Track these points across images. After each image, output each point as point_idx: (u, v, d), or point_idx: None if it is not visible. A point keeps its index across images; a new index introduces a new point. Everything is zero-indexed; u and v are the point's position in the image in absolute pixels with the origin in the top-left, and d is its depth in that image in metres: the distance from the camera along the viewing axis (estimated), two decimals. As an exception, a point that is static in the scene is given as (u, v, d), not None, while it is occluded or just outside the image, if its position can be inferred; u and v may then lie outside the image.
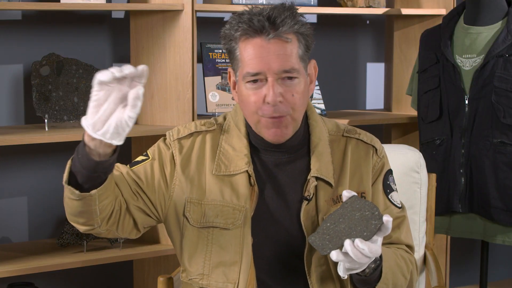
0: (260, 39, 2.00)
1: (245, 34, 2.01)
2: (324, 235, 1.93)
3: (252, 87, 2.02)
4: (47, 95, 3.12)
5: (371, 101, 4.12)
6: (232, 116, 2.17)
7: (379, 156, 2.18)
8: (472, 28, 3.28)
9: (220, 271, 2.08)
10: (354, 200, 1.94)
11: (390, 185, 2.18)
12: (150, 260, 3.36)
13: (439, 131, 3.30)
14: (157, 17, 3.22)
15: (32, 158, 3.29)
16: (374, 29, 4.08)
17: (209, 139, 2.14)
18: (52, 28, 3.29)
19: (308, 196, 2.08)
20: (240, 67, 2.04)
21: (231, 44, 2.05)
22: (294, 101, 2.02)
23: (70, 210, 2.00)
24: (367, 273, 1.97)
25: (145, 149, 3.31)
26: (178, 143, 2.14)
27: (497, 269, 4.41)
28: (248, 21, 2.00)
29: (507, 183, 3.15)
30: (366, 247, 1.86)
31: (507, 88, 3.14)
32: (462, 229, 3.29)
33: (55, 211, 3.34)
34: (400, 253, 2.13)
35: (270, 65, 1.99)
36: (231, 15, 2.07)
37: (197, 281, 2.10)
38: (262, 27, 1.99)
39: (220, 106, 3.38)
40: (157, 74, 3.24)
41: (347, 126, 2.21)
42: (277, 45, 2.00)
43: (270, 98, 2.00)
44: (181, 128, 2.17)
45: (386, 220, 1.88)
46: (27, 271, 2.93)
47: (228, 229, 2.08)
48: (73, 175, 1.93)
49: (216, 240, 2.09)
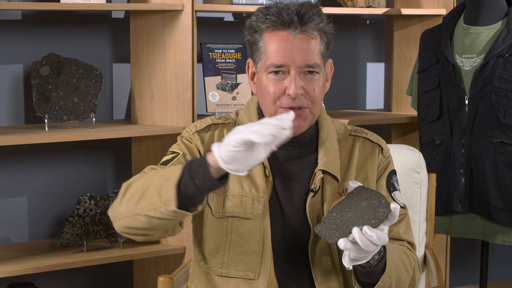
0: (287, 33, 2.04)
1: (272, 27, 2.05)
2: (331, 225, 1.94)
3: (273, 78, 2.06)
4: (47, 95, 3.12)
5: (371, 101, 4.12)
6: (245, 112, 2.21)
7: (385, 155, 2.22)
8: (472, 28, 3.28)
9: (240, 259, 2.11)
10: (360, 190, 1.96)
11: (394, 184, 2.22)
12: (150, 260, 3.36)
13: (439, 131, 3.30)
14: (157, 17, 3.22)
15: (32, 158, 3.29)
16: (374, 29, 4.08)
17: (226, 132, 2.17)
18: (52, 28, 3.29)
19: (314, 188, 2.11)
20: (263, 58, 2.08)
21: (254, 36, 2.09)
22: (314, 95, 2.07)
23: (152, 226, 1.96)
24: (372, 265, 1.99)
25: (145, 149, 3.31)
26: (198, 135, 2.17)
27: (497, 269, 4.41)
28: (277, 14, 2.04)
29: (507, 183, 3.15)
30: (374, 234, 1.88)
31: (507, 88, 3.14)
32: (462, 229, 3.29)
33: (55, 211, 3.34)
34: (403, 249, 2.16)
35: (294, 59, 2.04)
36: (258, 7, 2.11)
37: (217, 269, 2.13)
38: (291, 21, 2.03)
39: (220, 106, 3.38)
40: (157, 74, 3.24)
41: (354, 127, 2.26)
42: (302, 40, 2.05)
43: (291, 91, 2.04)
44: (197, 123, 2.20)
45: (393, 207, 1.90)
46: (27, 271, 2.93)
47: (248, 218, 2.11)
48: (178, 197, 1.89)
49: (235, 229, 2.12)
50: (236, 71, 3.45)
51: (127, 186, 2.00)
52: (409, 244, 2.21)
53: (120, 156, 3.48)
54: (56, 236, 3.29)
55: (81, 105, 3.17)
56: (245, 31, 2.12)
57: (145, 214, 1.93)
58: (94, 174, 3.43)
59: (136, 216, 1.95)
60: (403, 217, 2.21)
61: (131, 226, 1.98)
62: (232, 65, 3.45)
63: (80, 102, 3.17)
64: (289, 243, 2.13)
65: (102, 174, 3.45)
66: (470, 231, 3.28)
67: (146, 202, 1.92)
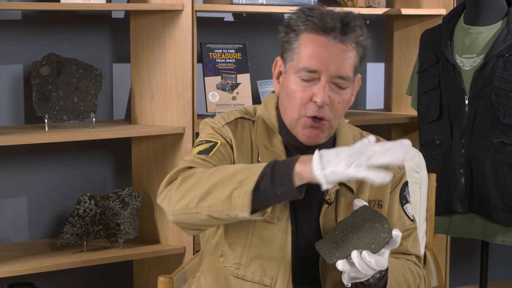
0: (326, 39, 1.98)
1: (312, 29, 1.99)
2: (332, 243, 1.92)
3: (302, 83, 2.00)
4: (47, 95, 3.12)
5: (371, 101, 4.12)
6: (263, 111, 2.14)
7: (400, 167, 2.18)
8: (472, 28, 3.28)
9: (258, 264, 2.05)
10: (364, 210, 1.93)
11: (406, 196, 2.18)
12: (150, 260, 3.35)
13: (439, 131, 3.30)
14: (157, 17, 3.21)
15: (32, 158, 3.29)
16: (374, 29, 4.08)
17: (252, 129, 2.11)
18: (52, 28, 3.29)
19: (329, 199, 2.07)
20: (295, 59, 2.02)
21: (290, 35, 2.02)
22: (338, 109, 2.02)
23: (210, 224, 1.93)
24: (371, 283, 1.97)
25: (145, 149, 3.31)
26: (228, 127, 2.10)
27: (497, 269, 4.41)
28: (320, 17, 1.99)
29: (507, 183, 3.15)
30: (373, 259, 1.86)
31: (507, 88, 3.14)
32: (462, 229, 3.29)
33: (55, 211, 3.34)
34: (408, 265, 2.13)
35: (328, 67, 1.98)
36: (300, 7, 2.04)
37: (233, 270, 2.07)
38: (333, 27, 1.98)
39: (220, 106, 3.38)
40: (157, 74, 3.24)
41: (370, 134, 2.20)
42: (340, 50, 1.99)
43: (320, 99, 1.98)
44: (224, 115, 2.13)
45: (395, 234, 1.88)
46: (27, 271, 2.92)
47: (273, 223, 2.04)
48: None
49: (257, 232, 2.05)
50: (236, 71, 3.44)
51: (183, 179, 1.92)
52: (416, 258, 2.17)
53: (120, 156, 3.48)
54: (56, 236, 3.29)
55: (81, 105, 3.17)
56: (280, 27, 2.06)
57: (207, 214, 1.87)
58: (94, 174, 3.42)
59: (195, 215, 1.89)
60: (412, 231, 2.18)
61: (188, 222, 1.92)
62: (232, 65, 3.45)
63: (80, 102, 3.17)
64: (301, 253, 2.07)
65: (102, 174, 3.45)
66: (470, 231, 3.28)
67: (212, 203, 1.85)
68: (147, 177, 3.30)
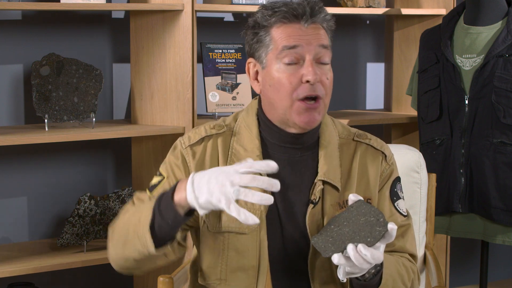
0: (299, 25, 2.01)
1: (283, 18, 2.01)
2: (327, 237, 1.92)
3: (288, 68, 2.01)
4: (47, 95, 3.12)
5: (371, 101, 4.12)
6: (244, 117, 2.14)
7: (388, 163, 2.17)
8: (472, 28, 3.28)
9: (238, 276, 2.07)
10: (360, 205, 1.93)
11: (397, 193, 2.17)
12: (150, 260, 3.35)
13: (439, 131, 3.30)
14: (157, 17, 3.22)
15: (32, 158, 3.29)
16: (374, 29, 4.08)
17: (220, 142, 2.11)
18: (52, 28, 3.29)
19: (314, 199, 2.06)
20: (271, 49, 2.02)
21: (260, 33, 2.04)
22: (328, 85, 2.04)
23: (144, 264, 2.00)
24: (367, 278, 1.96)
25: (145, 149, 3.31)
26: (190, 149, 2.11)
27: (497, 269, 4.41)
28: (286, 6, 2.02)
29: (507, 183, 3.15)
30: (368, 253, 1.86)
31: (507, 88, 3.14)
32: (462, 229, 3.29)
33: (55, 211, 3.34)
34: (402, 261, 2.12)
35: (309, 41, 2.00)
36: (259, 5, 2.07)
37: (215, 286, 2.09)
38: (303, 12, 2.01)
39: (220, 106, 3.38)
40: (157, 74, 3.24)
41: (358, 131, 2.20)
42: (313, 28, 2.02)
43: (311, 75, 1.99)
44: (191, 134, 2.14)
45: (390, 228, 1.87)
46: (27, 271, 2.93)
47: (244, 233, 2.06)
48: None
49: (232, 245, 2.07)
50: (236, 71, 3.45)
51: (112, 230, 2.03)
52: (410, 255, 2.17)
53: (120, 156, 3.48)
54: (56, 236, 3.29)
55: (81, 105, 3.17)
56: (246, 31, 2.07)
57: (132, 258, 1.96)
58: (94, 174, 3.43)
59: (126, 259, 1.99)
60: (407, 228, 2.17)
61: (128, 266, 2.02)
62: (232, 65, 3.45)
63: (80, 102, 3.17)
64: (289, 255, 2.08)
65: (102, 174, 3.45)
66: (470, 231, 3.28)
67: (129, 246, 1.95)
68: (147, 177, 3.30)
